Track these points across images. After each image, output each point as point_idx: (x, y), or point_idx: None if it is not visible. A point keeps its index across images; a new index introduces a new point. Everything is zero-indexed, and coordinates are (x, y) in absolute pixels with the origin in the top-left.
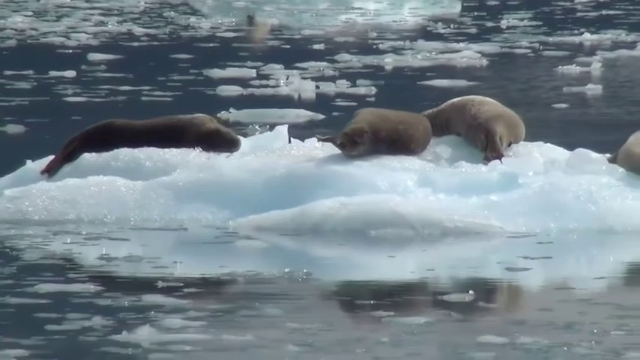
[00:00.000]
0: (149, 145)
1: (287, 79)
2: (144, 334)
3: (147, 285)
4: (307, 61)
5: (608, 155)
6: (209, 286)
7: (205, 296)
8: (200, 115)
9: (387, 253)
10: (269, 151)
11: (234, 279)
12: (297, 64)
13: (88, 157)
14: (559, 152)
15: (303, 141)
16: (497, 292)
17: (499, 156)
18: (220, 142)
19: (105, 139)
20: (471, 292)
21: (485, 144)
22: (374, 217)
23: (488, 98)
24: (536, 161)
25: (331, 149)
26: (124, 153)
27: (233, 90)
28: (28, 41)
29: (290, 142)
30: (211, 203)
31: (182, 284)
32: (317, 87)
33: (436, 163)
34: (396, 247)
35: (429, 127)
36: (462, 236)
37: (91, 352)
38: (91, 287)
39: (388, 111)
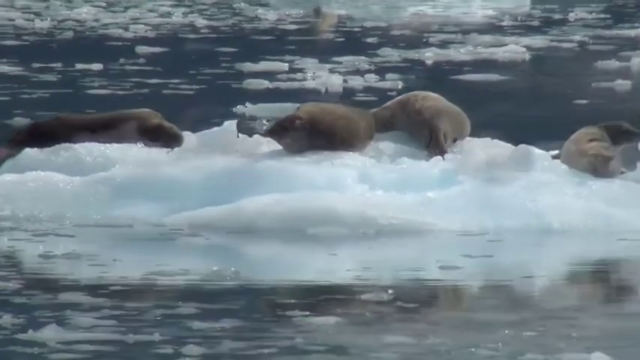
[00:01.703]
0: (93, 140)
1: (314, 73)
2: (50, 333)
3: (70, 283)
4: (347, 55)
5: (554, 152)
6: (133, 285)
7: (125, 295)
8: (144, 110)
9: (318, 250)
10: (213, 147)
11: (159, 277)
12: (335, 58)
13: (29, 153)
14: (504, 148)
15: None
16: (419, 291)
17: (442, 152)
18: (163, 137)
19: (50, 132)
20: (390, 291)
21: (428, 140)
22: (308, 214)
23: (432, 94)
24: (477, 158)
25: (275, 145)
26: (64, 148)
27: (259, 84)
28: (87, 33)
29: (238, 137)
30: (149, 199)
31: (106, 282)
32: (345, 81)
33: (378, 159)
34: (329, 244)
35: (373, 123)
36: (396, 233)
37: None
38: (10, 285)
39: (333, 105)
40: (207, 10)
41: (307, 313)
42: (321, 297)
